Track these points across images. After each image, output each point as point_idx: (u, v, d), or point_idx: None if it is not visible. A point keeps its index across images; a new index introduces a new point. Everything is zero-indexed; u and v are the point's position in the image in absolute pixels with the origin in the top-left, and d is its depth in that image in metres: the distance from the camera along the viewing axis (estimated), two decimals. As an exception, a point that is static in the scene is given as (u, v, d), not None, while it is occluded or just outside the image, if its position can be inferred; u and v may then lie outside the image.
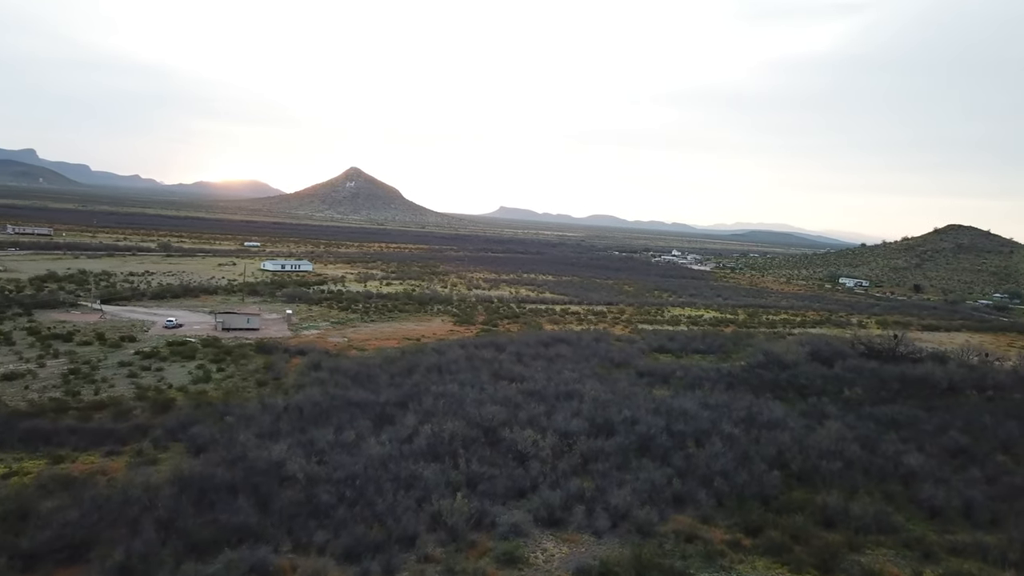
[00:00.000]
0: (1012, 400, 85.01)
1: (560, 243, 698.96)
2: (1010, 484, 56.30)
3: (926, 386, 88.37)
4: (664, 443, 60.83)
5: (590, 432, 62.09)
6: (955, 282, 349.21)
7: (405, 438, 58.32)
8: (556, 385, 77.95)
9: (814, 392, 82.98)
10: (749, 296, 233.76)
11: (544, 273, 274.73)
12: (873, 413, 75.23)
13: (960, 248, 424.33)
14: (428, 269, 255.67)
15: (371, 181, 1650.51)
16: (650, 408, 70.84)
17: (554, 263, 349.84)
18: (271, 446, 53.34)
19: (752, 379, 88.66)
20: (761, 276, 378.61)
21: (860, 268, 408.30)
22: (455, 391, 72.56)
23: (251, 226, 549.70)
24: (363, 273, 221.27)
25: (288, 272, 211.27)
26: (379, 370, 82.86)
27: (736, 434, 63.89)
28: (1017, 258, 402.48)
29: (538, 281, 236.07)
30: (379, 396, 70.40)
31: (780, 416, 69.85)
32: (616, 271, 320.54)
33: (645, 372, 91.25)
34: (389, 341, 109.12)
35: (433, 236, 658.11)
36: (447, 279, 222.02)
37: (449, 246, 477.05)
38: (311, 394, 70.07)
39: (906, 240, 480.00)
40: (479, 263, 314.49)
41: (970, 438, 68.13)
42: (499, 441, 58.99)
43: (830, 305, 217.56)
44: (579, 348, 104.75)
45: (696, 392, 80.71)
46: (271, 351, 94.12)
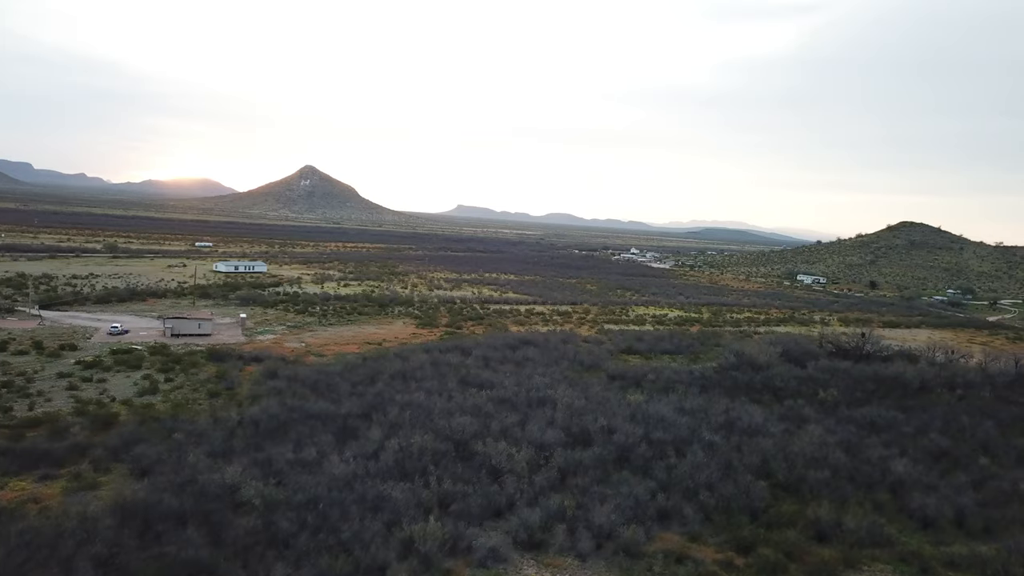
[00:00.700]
0: (984, 399, 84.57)
1: (520, 241, 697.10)
2: (997, 489, 54.86)
3: (898, 386, 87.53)
4: (644, 453, 58.09)
5: (566, 443, 59.03)
6: (909, 278, 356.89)
7: (370, 454, 54.44)
8: (527, 391, 74.72)
9: (789, 394, 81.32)
10: (711, 294, 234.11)
11: (506, 272, 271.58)
12: (851, 415, 73.69)
13: (912, 245, 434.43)
14: (387, 269, 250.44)
15: (326, 179, 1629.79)
16: (626, 415, 68.09)
17: (515, 262, 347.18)
18: (224, 467, 48.97)
19: (726, 381, 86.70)
20: (720, 274, 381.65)
21: (816, 265, 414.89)
22: (422, 400, 68.82)
23: (203, 226, 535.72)
24: (320, 274, 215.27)
25: (242, 273, 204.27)
26: (340, 378, 78.61)
27: (717, 442, 61.49)
28: (967, 254, 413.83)
29: (500, 280, 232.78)
30: (341, 407, 66.30)
31: (760, 421, 67.74)
32: (577, 270, 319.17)
33: (616, 375, 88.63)
34: (349, 346, 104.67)
35: (391, 235, 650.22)
36: (407, 279, 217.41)
37: (407, 245, 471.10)
38: (267, 406, 65.59)
39: (860, 237, 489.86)
40: (439, 262, 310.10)
41: (950, 440, 66.98)
42: (471, 455, 55.50)
43: (791, 302, 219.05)
44: (547, 350, 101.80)
45: (670, 396, 78.31)
46: (224, 358, 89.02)
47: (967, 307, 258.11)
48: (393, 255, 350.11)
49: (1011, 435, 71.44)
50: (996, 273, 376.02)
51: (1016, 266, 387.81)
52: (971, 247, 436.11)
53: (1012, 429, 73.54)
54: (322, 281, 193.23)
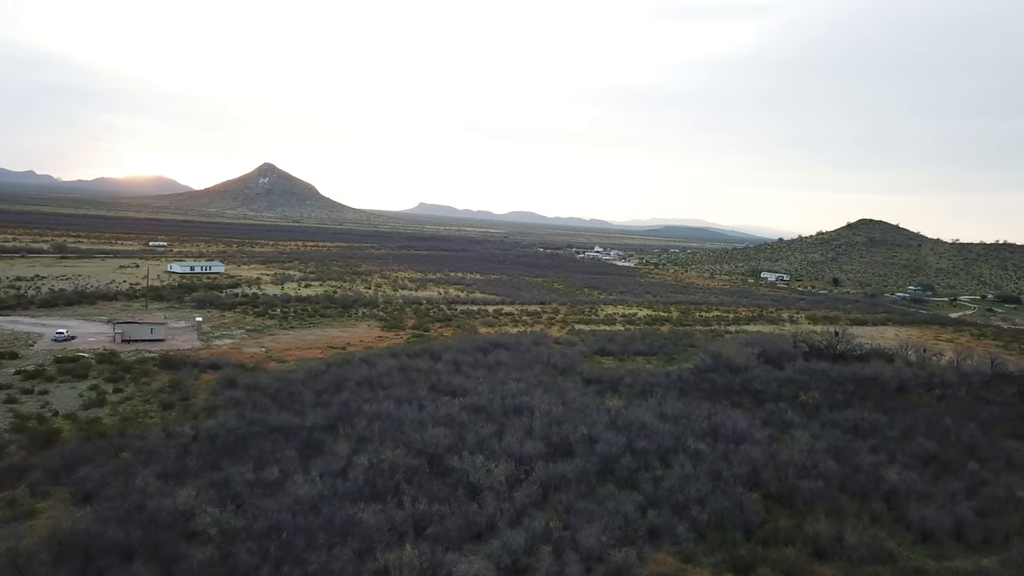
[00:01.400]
0: (963, 399, 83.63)
1: (484, 240, 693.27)
2: (992, 497, 53.06)
3: (876, 387, 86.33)
4: (628, 464, 55.21)
5: (547, 455, 55.86)
6: (870, 275, 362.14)
7: (338, 471, 50.55)
8: (502, 398, 71.30)
9: (770, 397, 79.33)
10: (677, 292, 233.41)
11: (471, 271, 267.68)
12: (834, 419, 71.85)
13: (872, 242, 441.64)
14: (349, 269, 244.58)
15: (286, 177, 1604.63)
16: (606, 422, 65.29)
17: (480, 261, 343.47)
18: (177, 490, 44.65)
19: (704, 384, 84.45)
20: (685, 271, 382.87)
21: (779, 263, 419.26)
22: (391, 410, 64.96)
23: (157, 224, 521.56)
24: (280, 274, 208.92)
25: (198, 274, 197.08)
26: (303, 386, 74.23)
27: (702, 450, 58.87)
28: (925, 251, 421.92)
29: (466, 280, 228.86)
30: (305, 419, 62.10)
31: (744, 427, 65.36)
32: (544, 268, 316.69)
33: (592, 379, 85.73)
34: (312, 351, 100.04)
35: (352, 233, 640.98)
36: (370, 279, 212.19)
37: (369, 244, 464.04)
38: (225, 419, 61.11)
39: (821, 235, 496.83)
40: (403, 261, 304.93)
41: (937, 443, 65.36)
42: (447, 471, 51.94)
43: (758, 300, 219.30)
44: (519, 353, 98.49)
45: (649, 400, 75.71)
46: (178, 366, 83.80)
47: (928, 304, 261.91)
48: (355, 254, 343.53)
49: (995, 437, 70.32)
50: (953, 269, 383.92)
51: (972, 262, 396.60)
52: (929, 244, 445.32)
53: (994, 430, 72.47)
54: (282, 282, 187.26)
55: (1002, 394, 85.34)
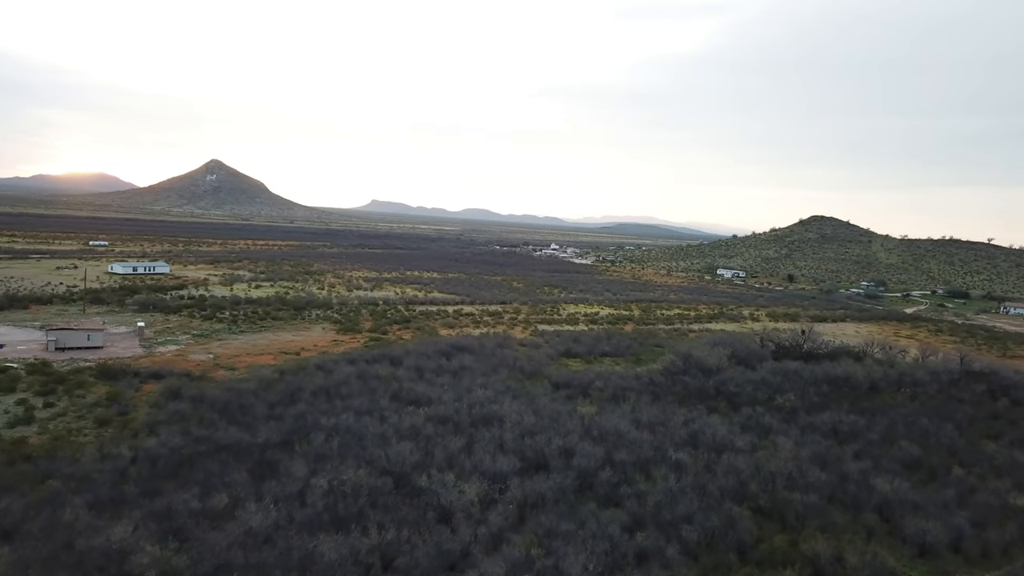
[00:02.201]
0: (935, 398, 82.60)
1: (439, 237, 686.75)
2: (985, 505, 51.14)
3: (849, 387, 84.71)
4: (608, 479, 51.79)
5: (521, 470, 52.04)
6: (823, 271, 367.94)
7: (295, 496, 45.95)
8: (469, 407, 67.26)
9: (745, 401, 76.87)
10: (637, 290, 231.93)
11: (428, 270, 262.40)
12: (812, 423, 69.74)
13: (824, 238, 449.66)
14: (301, 268, 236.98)
15: (234, 174, 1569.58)
16: (580, 432, 61.82)
17: (437, 259, 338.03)
18: (111, 525, 39.51)
19: (676, 387, 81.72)
20: (642, 269, 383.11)
21: (734, 259, 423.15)
22: (351, 423, 60.34)
23: (98, 223, 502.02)
24: (229, 274, 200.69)
25: (141, 275, 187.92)
26: (254, 397, 68.98)
27: (684, 461, 55.79)
28: (875, 247, 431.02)
29: (423, 279, 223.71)
30: (257, 435, 57.11)
31: (724, 434, 62.56)
32: (501, 266, 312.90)
33: (561, 383, 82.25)
34: (263, 357, 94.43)
35: (303, 231, 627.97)
36: (324, 279, 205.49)
37: (322, 242, 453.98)
38: (168, 437, 55.74)
39: (774, 231, 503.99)
40: (357, 260, 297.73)
41: (919, 447, 63.65)
42: (415, 492, 47.75)
43: (717, 297, 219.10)
44: (484, 357, 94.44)
45: (623, 406, 72.65)
46: (117, 376, 77.53)
47: (883, 299, 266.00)
48: (307, 253, 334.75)
49: (973, 438, 69.09)
50: (903, 265, 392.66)
51: (921, 258, 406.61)
52: (878, 240, 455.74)
53: (971, 431, 71.30)
54: (231, 282, 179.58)
55: (972, 392, 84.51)
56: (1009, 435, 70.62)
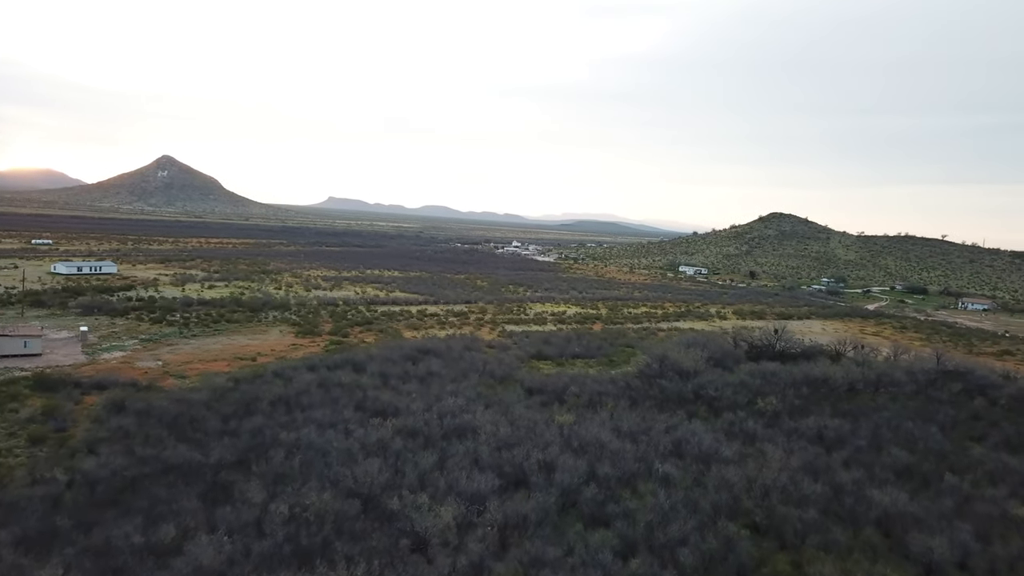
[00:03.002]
0: (915, 399, 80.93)
1: (399, 235, 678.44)
2: (985, 516, 48.68)
3: (827, 388, 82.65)
4: (594, 496, 48.13)
5: (500, 488, 48.14)
6: (783, 267, 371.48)
7: (252, 524, 41.38)
8: (440, 418, 63.10)
9: (726, 405, 74.09)
10: (602, 288, 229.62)
11: (389, 268, 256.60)
12: (796, 428, 67.19)
13: (783, 235, 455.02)
14: (257, 267, 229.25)
15: (186, 170, 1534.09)
16: (560, 443, 58.15)
17: (397, 257, 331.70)
18: (38, 567, 34.61)
19: (654, 391, 78.64)
20: (604, 266, 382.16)
21: (696, 256, 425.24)
22: (313, 438, 55.77)
23: (43, 221, 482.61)
24: (180, 274, 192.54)
25: (86, 275, 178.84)
26: (206, 410, 63.87)
27: (672, 474, 52.54)
28: (833, 243, 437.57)
29: (384, 278, 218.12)
30: (209, 454, 52.14)
31: (710, 443, 59.47)
32: (464, 264, 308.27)
33: (535, 389, 78.57)
34: (217, 363, 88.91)
35: (259, 229, 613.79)
36: (281, 278, 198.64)
37: (278, 240, 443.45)
38: (110, 457, 50.60)
39: (734, 228, 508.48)
40: (314, 258, 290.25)
41: (908, 453, 61.46)
42: (386, 517, 43.48)
43: (682, 295, 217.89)
44: (452, 361, 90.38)
45: (600, 413, 69.19)
46: (55, 387, 71.51)
47: (844, 296, 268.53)
48: (263, 251, 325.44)
49: (958, 441, 67.27)
50: (861, 261, 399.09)
51: (877, 254, 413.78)
52: (836, 236, 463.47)
53: (956, 433, 69.50)
54: (183, 283, 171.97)
55: (950, 392, 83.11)
56: (993, 437, 69.01)
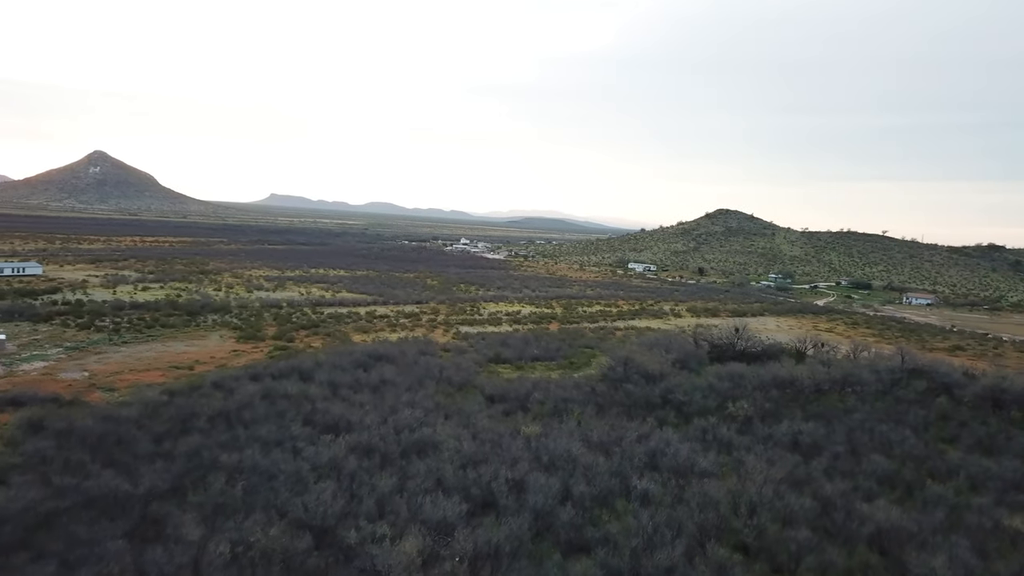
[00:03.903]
0: (883, 400, 79.47)
1: (344, 232, 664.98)
2: (979, 529, 46.47)
3: (794, 389, 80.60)
4: (571, 519, 44.10)
5: (468, 513, 43.74)
6: (731, 264, 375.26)
7: (187, 567, 36.07)
8: (397, 432, 58.32)
9: (696, 411, 71.14)
10: (555, 286, 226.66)
11: (335, 267, 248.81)
12: (771, 434, 64.55)
13: (730, 231, 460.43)
14: (196, 267, 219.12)
15: (120, 166, 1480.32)
16: (529, 458, 54.03)
17: (343, 255, 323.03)
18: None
19: (620, 396, 75.24)
20: (555, 263, 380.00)
21: (644, 253, 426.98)
22: (258, 460, 50.31)
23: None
24: (112, 275, 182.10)
25: (8, 277, 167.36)
26: (137, 428, 57.71)
27: (651, 491, 48.89)
28: (779, 239, 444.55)
29: (330, 277, 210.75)
30: (138, 481, 46.26)
31: (686, 454, 56.07)
32: (413, 262, 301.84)
33: (496, 396, 74.36)
34: (150, 373, 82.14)
35: (198, 227, 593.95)
36: (221, 279, 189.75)
37: (218, 238, 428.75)
38: (22, 489, 44.16)
39: (681, 224, 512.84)
40: (256, 257, 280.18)
41: (887, 458, 59.33)
42: (343, 552, 38.62)
43: (634, 292, 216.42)
44: (406, 367, 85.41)
45: (567, 421, 65.41)
46: (-37, 405, 64.27)
47: (793, 291, 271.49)
48: (202, 250, 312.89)
49: (933, 444, 65.62)
50: (806, 257, 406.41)
51: (822, 250, 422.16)
52: (781, 232, 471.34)
53: (927, 435, 67.91)
54: (114, 284, 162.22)
55: (915, 391, 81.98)
56: (965, 439, 67.64)
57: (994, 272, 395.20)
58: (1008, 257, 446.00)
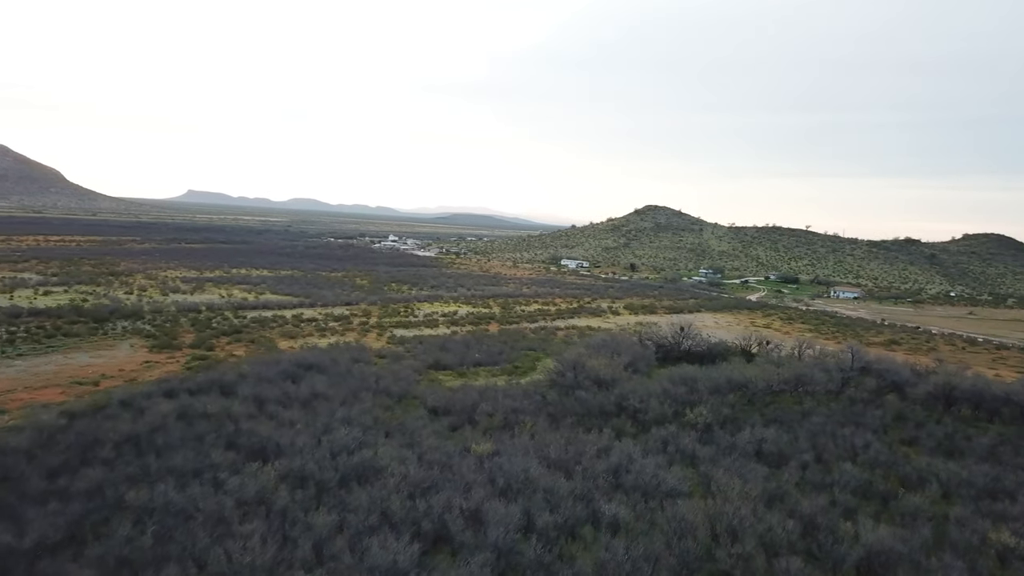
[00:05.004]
0: (837, 400, 77.71)
1: (266, 229, 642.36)
2: (966, 545, 43.58)
3: (748, 392, 78.03)
4: (537, 556, 39.00)
5: (421, 556, 38.22)
6: (661, 259, 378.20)
7: (80, 647, 29.45)
8: (334, 456, 52.06)
9: (653, 419, 67.28)
10: (490, 284, 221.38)
11: (257, 267, 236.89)
12: (734, 443, 61.09)
13: (659, 227, 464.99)
14: (105, 268, 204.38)
15: (23, 161, 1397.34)
16: (483, 481, 48.75)
17: (266, 254, 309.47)
18: None
19: (573, 404, 70.70)
20: (488, 260, 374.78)
21: (576, 249, 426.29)
22: (172, 496, 43.28)
23: None
24: (10, 278, 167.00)
25: None
26: (27, 461, 49.63)
27: (621, 516, 44.39)
28: (707, 235, 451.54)
29: (253, 278, 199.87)
30: (24, 531, 38.75)
31: (651, 470, 51.88)
32: (340, 261, 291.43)
33: (440, 409, 68.78)
34: (48, 391, 73.05)
35: (109, 225, 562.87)
36: (132, 281, 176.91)
37: (131, 237, 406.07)
38: None
39: (611, 221, 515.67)
40: (172, 257, 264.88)
41: (856, 467, 56.70)
42: (275, 616, 32.67)
43: (570, 290, 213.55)
44: (339, 377, 78.90)
45: (520, 436, 60.49)
46: None
47: (724, 287, 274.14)
48: (112, 249, 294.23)
49: (895, 447, 63.71)
50: (733, 252, 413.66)
51: (748, 245, 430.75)
52: (709, 228, 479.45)
53: (888, 439, 65.99)
54: (12, 289, 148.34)
55: (868, 391, 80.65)
56: (924, 440, 66.04)
57: (912, 265, 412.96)
58: (924, 250, 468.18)
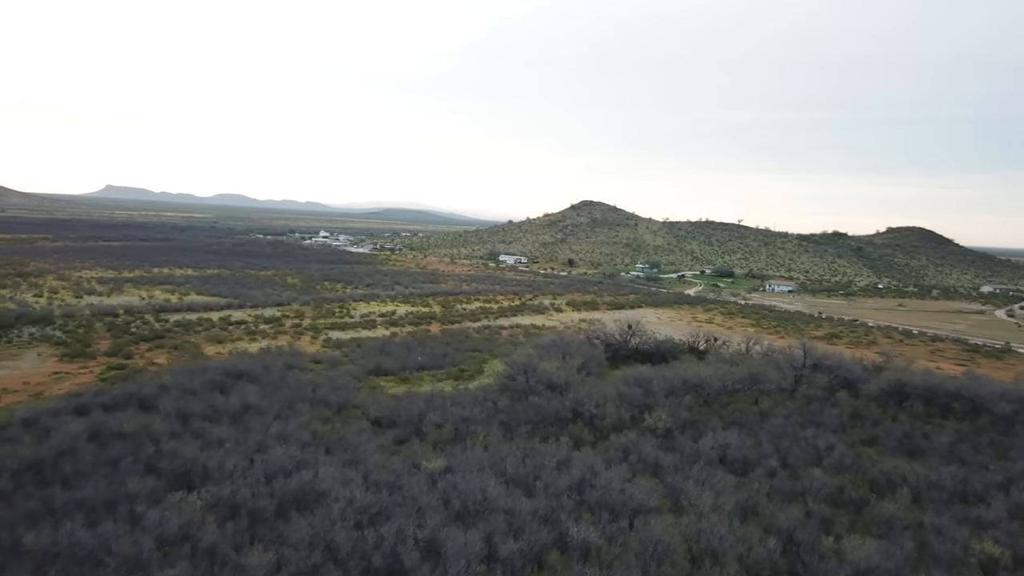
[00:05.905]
0: (792, 399, 76.24)
1: (191, 226, 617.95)
2: (950, 559, 41.65)
3: (703, 392, 75.86)
4: (504, 590, 35.22)
5: (374, 596, 33.79)
6: (598, 255, 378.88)
7: None
8: (269, 479, 46.74)
9: (611, 425, 64.14)
10: (428, 281, 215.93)
11: (181, 266, 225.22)
12: (697, 449, 58.39)
13: (595, 222, 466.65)
14: (12, 269, 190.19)
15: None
16: (437, 504, 44.32)
17: (190, 252, 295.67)
18: None
19: (528, 412, 66.87)
20: (424, 257, 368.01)
21: (513, 245, 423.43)
22: (80, 536, 37.33)
23: None
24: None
25: None
26: (-94, 498, 42.86)
27: (591, 539, 40.72)
28: (642, 230, 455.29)
29: (176, 278, 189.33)
30: None
31: (617, 484, 48.42)
32: (270, 258, 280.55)
33: (384, 420, 63.98)
34: (-61, 410, 64.96)
35: (18, 222, 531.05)
36: (43, 283, 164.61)
37: (42, 234, 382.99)
38: None
39: (548, 216, 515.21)
40: (88, 256, 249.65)
41: (823, 472, 54.78)
42: None
43: (510, 286, 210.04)
44: (272, 387, 73.11)
45: (474, 448, 56.27)
46: None
47: (662, 281, 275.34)
48: (21, 248, 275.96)
49: (856, 448, 62.28)
50: (668, 246, 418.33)
51: (683, 239, 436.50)
52: (644, 223, 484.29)
53: (849, 439, 64.58)
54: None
55: (819, 387, 79.64)
56: (884, 440, 64.97)
57: (840, 258, 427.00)
58: (851, 244, 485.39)
